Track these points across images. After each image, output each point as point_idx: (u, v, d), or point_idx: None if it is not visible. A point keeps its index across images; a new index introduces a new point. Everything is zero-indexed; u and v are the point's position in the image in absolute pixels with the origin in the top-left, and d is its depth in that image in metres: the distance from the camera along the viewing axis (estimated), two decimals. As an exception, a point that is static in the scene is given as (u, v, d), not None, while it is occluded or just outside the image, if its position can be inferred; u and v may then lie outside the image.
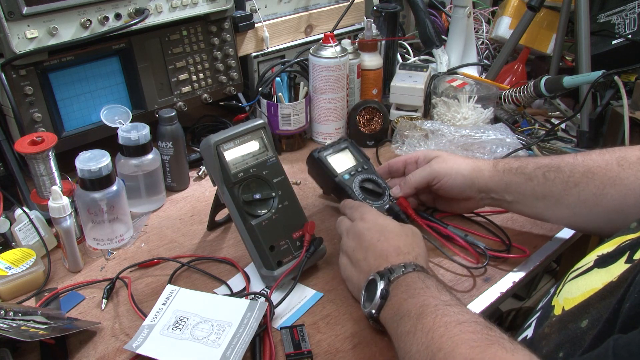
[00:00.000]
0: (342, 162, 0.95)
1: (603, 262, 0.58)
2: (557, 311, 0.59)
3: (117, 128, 0.94)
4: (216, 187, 0.84)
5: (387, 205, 0.89)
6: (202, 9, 1.09)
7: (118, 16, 0.98)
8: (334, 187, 0.93)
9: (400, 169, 0.95)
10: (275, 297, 0.77)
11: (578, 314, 0.55)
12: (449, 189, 0.87)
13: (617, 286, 0.52)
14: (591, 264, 0.59)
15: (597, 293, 0.54)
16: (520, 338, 0.65)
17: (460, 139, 1.10)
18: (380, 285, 0.68)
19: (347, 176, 0.92)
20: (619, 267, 0.54)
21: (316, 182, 0.97)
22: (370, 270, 0.72)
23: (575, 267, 0.62)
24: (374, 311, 0.68)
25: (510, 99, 1.26)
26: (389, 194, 0.91)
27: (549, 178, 0.80)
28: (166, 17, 1.05)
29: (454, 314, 0.59)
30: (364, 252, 0.75)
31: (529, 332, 0.64)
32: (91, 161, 0.83)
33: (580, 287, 0.58)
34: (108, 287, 0.80)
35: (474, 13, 1.53)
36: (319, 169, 0.94)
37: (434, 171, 0.87)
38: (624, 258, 0.55)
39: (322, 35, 1.19)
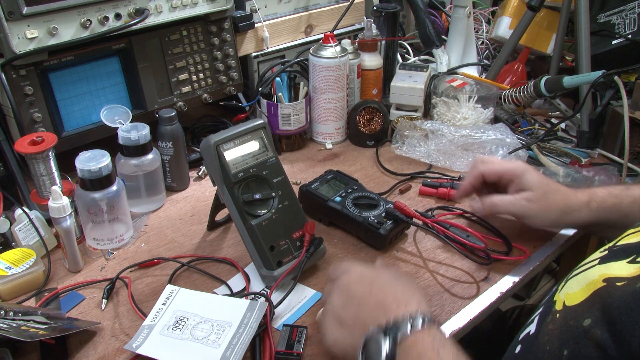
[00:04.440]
0: (331, 189, 0.96)
1: (606, 259, 0.58)
2: (559, 306, 0.59)
3: (117, 128, 0.94)
4: (216, 187, 0.84)
5: (384, 213, 0.89)
6: (202, 9, 1.09)
7: (118, 16, 0.98)
8: (329, 212, 0.93)
9: (492, 181, 0.88)
10: (275, 297, 0.77)
11: (580, 311, 0.55)
12: (531, 226, 0.85)
13: (620, 289, 0.52)
14: (596, 262, 0.59)
15: (597, 291, 0.54)
16: (523, 334, 0.65)
17: (460, 139, 1.11)
18: (385, 347, 0.56)
19: (338, 198, 0.92)
20: (621, 266, 0.54)
21: (314, 218, 0.94)
22: (366, 325, 0.59)
23: (580, 265, 0.62)
24: None
25: (510, 99, 1.26)
26: (384, 203, 0.91)
27: None
28: (166, 17, 1.05)
29: None
30: (355, 307, 0.63)
31: (531, 328, 0.63)
32: (91, 161, 0.83)
33: (580, 281, 0.58)
34: (108, 287, 0.80)
35: (474, 13, 1.53)
36: (312, 200, 0.94)
37: (523, 209, 0.83)
38: (628, 259, 0.55)
39: (322, 35, 1.19)
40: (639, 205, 0.78)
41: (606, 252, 0.60)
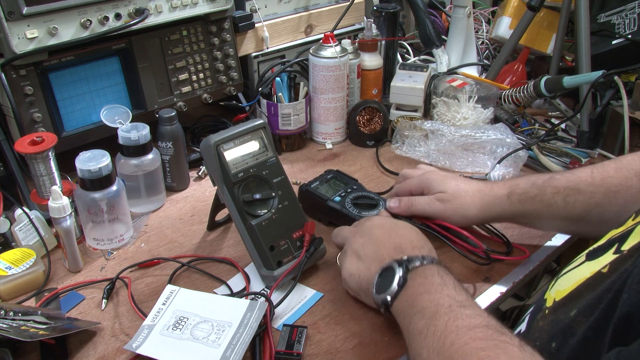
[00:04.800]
0: (331, 189, 0.95)
1: (592, 254, 0.59)
2: (549, 303, 0.59)
3: (117, 128, 0.94)
4: (216, 187, 0.84)
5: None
6: (202, 9, 1.09)
7: (118, 16, 0.98)
8: (328, 212, 0.93)
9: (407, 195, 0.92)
10: (275, 297, 0.77)
11: (568, 304, 0.55)
12: (455, 224, 0.85)
13: (606, 276, 0.52)
14: (583, 258, 0.60)
15: (584, 282, 0.55)
16: (514, 333, 0.65)
17: (460, 139, 1.10)
18: (399, 273, 0.66)
19: (338, 198, 0.92)
20: (608, 258, 0.55)
21: (314, 218, 0.94)
22: (384, 259, 0.70)
23: (568, 263, 0.63)
24: (389, 298, 0.66)
25: (510, 99, 1.25)
26: (383, 204, 0.91)
27: (569, 202, 0.78)
28: (166, 17, 1.05)
29: (466, 317, 0.58)
30: (375, 246, 0.73)
31: (522, 327, 0.64)
32: (91, 161, 0.83)
33: (571, 278, 0.58)
34: (108, 287, 0.80)
35: (474, 13, 1.53)
36: (311, 200, 0.94)
37: (438, 209, 0.84)
38: (613, 249, 0.55)
39: (322, 35, 1.19)
40: (561, 195, 0.78)
41: (592, 249, 0.61)
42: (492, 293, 0.81)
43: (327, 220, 0.94)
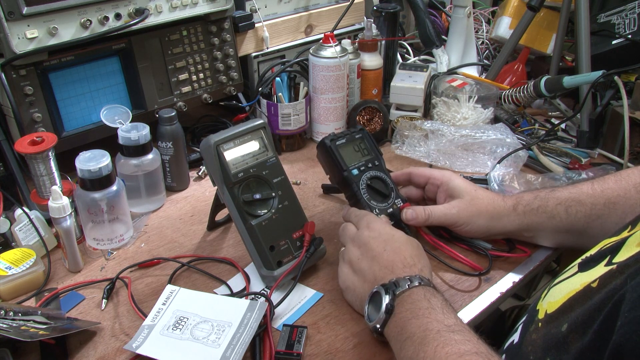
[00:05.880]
0: (353, 154, 0.89)
1: (585, 265, 0.59)
2: (541, 315, 0.59)
3: (117, 128, 0.94)
4: (216, 187, 0.84)
5: (391, 209, 0.87)
6: (202, 9, 1.09)
7: (118, 16, 0.98)
8: (340, 180, 0.89)
9: (421, 183, 0.92)
10: (275, 297, 0.77)
11: (559, 317, 0.55)
12: (465, 234, 0.86)
13: (595, 291, 0.52)
14: (575, 268, 0.60)
15: (575, 296, 0.55)
16: (507, 343, 0.66)
17: (460, 139, 1.11)
18: (385, 300, 0.67)
19: (355, 171, 0.87)
20: (599, 271, 0.54)
21: (323, 169, 0.91)
22: (375, 281, 0.71)
23: (561, 273, 0.62)
24: (378, 326, 0.67)
25: (510, 99, 1.26)
26: (394, 196, 0.88)
27: (571, 213, 0.80)
28: (166, 17, 1.05)
29: (455, 343, 0.58)
30: (368, 262, 0.74)
31: (515, 337, 0.64)
32: (91, 161, 0.83)
33: (562, 290, 0.58)
34: (108, 287, 0.80)
35: (474, 13, 1.53)
36: (329, 158, 0.89)
37: (454, 217, 0.84)
38: (605, 261, 0.55)
39: (322, 35, 1.19)
40: (563, 206, 0.80)
41: (585, 258, 0.61)
42: (492, 293, 0.81)
43: (335, 182, 0.90)
